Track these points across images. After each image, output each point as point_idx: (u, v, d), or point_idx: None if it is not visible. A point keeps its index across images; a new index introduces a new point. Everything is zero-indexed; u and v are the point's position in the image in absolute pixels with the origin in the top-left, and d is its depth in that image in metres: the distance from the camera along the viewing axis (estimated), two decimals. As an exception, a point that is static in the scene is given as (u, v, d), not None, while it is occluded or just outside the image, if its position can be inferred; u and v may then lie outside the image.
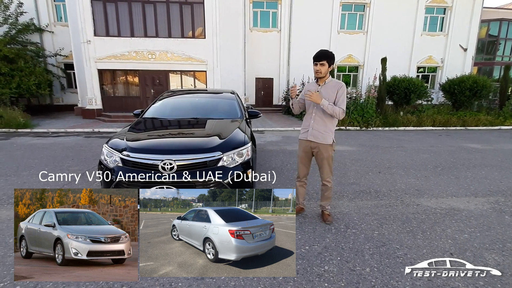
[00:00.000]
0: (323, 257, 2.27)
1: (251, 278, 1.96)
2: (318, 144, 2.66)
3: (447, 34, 15.67)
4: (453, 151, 6.42)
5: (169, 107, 4.15)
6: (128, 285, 1.90)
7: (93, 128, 9.41)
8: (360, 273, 2.07)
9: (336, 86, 2.58)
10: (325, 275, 2.04)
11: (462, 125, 10.54)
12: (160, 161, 2.56)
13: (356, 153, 6.09)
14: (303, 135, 2.77)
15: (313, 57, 2.55)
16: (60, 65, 13.79)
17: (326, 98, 2.54)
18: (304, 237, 2.56)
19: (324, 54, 2.52)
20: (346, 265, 2.16)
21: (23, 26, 12.51)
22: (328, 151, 2.66)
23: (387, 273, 2.06)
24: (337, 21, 14.89)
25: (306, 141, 2.73)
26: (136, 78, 12.22)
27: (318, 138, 2.65)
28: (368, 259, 2.23)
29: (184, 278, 1.95)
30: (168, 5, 11.42)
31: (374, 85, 10.96)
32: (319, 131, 2.64)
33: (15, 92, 10.61)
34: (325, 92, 2.58)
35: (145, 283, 1.91)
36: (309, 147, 2.73)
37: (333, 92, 2.56)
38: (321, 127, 2.64)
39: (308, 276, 2.02)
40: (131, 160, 2.64)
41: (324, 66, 2.53)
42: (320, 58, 2.52)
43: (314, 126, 2.66)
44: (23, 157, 5.54)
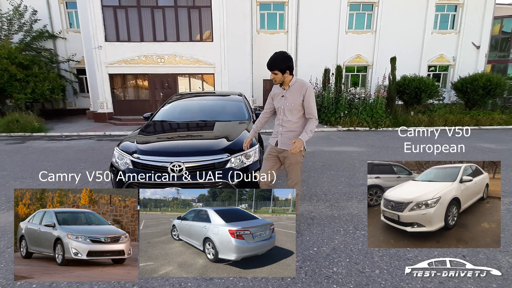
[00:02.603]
0: (331, 258, 2.25)
1: (259, 279, 1.97)
2: (286, 150, 2.44)
3: (458, 32, 15.32)
4: (466, 151, 6.25)
5: (178, 110, 4.22)
6: (138, 285, 1.93)
7: (105, 131, 9.61)
8: (370, 275, 2.05)
9: (301, 89, 2.35)
10: (334, 276, 2.03)
11: (475, 125, 10.27)
12: (169, 163, 2.62)
13: (365, 154, 6.02)
14: (272, 140, 2.56)
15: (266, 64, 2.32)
16: (72, 70, 14.15)
17: (291, 102, 2.36)
18: (312, 238, 2.56)
19: (273, 62, 2.27)
20: (355, 267, 2.14)
21: (37, 33, 12.91)
22: (296, 157, 2.42)
23: (397, 275, 2.04)
24: (345, 21, 14.77)
25: (274, 147, 2.52)
26: (146, 81, 12.43)
27: (288, 145, 2.41)
28: (378, 261, 2.21)
29: (193, 278, 1.97)
30: (176, 10, 11.59)
31: (383, 85, 10.82)
32: (288, 137, 2.42)
33: (30, 97, 10.93)
34: (290, 96, 2.38)
35: (155, 283, 1.95)
36: (276, 152, 2.52)
37: (299, 95, 2.34)
38: (290, 133, 2.43)
39: (317, 278, 2.01)
40: (141, 162, 2.70)
41: (278, 75, 2.29)
42: (271, 67, 2.29)
43: (283, 132, 2.45)
44: (38, 160, 5.72)
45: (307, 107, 2.36)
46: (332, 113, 10.55)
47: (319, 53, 14.62)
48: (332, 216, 3.02)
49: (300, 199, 3.47)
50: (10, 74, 10.39)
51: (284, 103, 2.41)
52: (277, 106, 2.48)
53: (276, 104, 2.51)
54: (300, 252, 2.34)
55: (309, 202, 3.40)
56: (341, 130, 9.81)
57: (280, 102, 2.44)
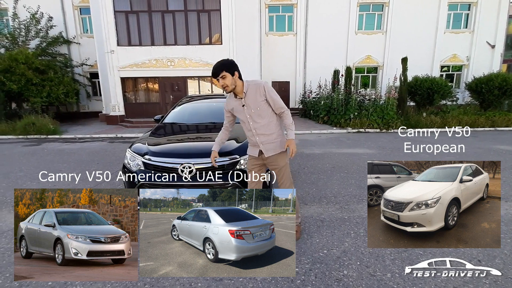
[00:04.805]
0: (342, 261, 2.23)
1: (269, 280, 1.97)
2: (273, 155, 2.28)
3: (472, 31, 14.96)
4: (481, 153, 6.09)
5: (188, 113, 4.27)
6: (150, 284, 1.96)
7: (117, 134, 9.82)
8: (381, 278, 2.01)
9: (257, 89, 2.18)
10: (344, 279, 2.01)
11: (491, 126, 9.97)
12: (179, 164, 2.66)
13: (375, 156, 5.94)
14: (253, 151, 2.36)
15: (211, 74, 2.14)
16: (86, 74, 14.54)
17: (256, 107, 2.18)
18: (322, 240, 2.54)
19: (217, 67, 2.09)
20: (366, 270, 2.11)
21: (53, 38, 13.35)
22: (284, 159, 2.31)
23: (410, 279, 2.00)
24: (354, 22, 14.66)
25: (257, 157, 2.35)
26: (156, 85, 12.64)
27: (275, 149, 2.27)
28: (389, 265, 2.17)
29: (203, 278, 1.98)
30: (186, 14, 11.76)
31: (394, 86, 10.65)
32: (270, 142, 2.26)
33: (46, 100, 11.31)
34: (251, 102, 2.19)
35: (166, 283, 1.97)
36: (260, 160, 2.36)
37: (259, 96, 2.18)
38: (269, 137, 2.26)
39: (327, 281, 1.99)
40: (152, 163, 2.75)
41: (227, 78, 2.08)
42: (217, 72, 2.08)
43: (263, 140, 2.26)
44: (53, 161, 5.88)
45: (273, 103, 2.21)
46: (341, 115, 10.45)
47: (328, 55, 14.55)
48: (342, 219, 2.98)
49: (310, 201, 3.45)
50: (27, 79, 10.78)
51: (248, 111, 2.21)
52: (242, 119, 2.28)
53: (240, 116, 2.29)
54: (310, 254, 2.32)
55: (319, 204, 3.37)
56: (351, 132, 9.70)
57: (244, 113, 2.24)
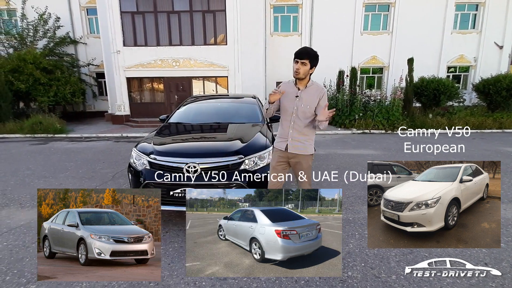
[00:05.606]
0: (346, 262, 2.22)
1: (273, 280, 1.97)
2: (298, 155, 2.30)
3: (480, 32, 14.76)
4: (488, 155, 6.01)
5: (193, 113, 4.29)
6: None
7: (122, 133, 9.90)
8: (386, 280, 2.00)
9: (318, 92, 2.22)
10: (349, 281, 2.00)
11: (498, 128, 9.83)
12: (184, 164, 2.67)
13: (381, 157, 5.90)
14: (280, 144, 2.35)
15: (295, 53, 2.14)
16: (92, 74, 14.67)
17: (307, 105, 2.21)
18: (326, 242, 2.53)
19: (308, 51, 2.12)
20: (370, 272, 2.10)
21: (60, 39, 13.50)
22: (308, 161, 2.32)
23: (415, 281, 1.98)
24: (360, 22, 14.56)
25: (283, 151, 2.33)
26: (161, 85, 12.71)
27: (300, 149, 2.28)
28: (394, 266, 2.16)
29: (208, 278, 1.99)
30: (192, 14, 11.81)
31: (400, 87, 10.56)
32: (300, 141, 2.28)
33: (53, 100, 11.45)
34: (306, 98, 2.22)
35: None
36: (286, 158, 2.34)
37: (315, 98, 2.21)
38: (301, 137, 2.28)
39: (331, 282, 1.99)
40: (157, 163, 2.77)
41: (305, 66, 2.12)
42: (302, 55, 2.10)
43: (294, 136, 2.28)
44: (60, 160, 5.95)
45: (319, 108, 2.20)
46: (346, 116, 10.39)
47: (333, 55, 14.47)
48: (346, 220, 2.97)
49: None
50: (35, 78, 10.94)
51: (298, 104, 2.22)
52: (288, 106, 2.26)
53: (286, 103, 2.26)
54: (314, 255, 2.32)
55: (323, 205, 3.36)
56: (355, 133, 9.65)
57: (293, 103, 2.23)
